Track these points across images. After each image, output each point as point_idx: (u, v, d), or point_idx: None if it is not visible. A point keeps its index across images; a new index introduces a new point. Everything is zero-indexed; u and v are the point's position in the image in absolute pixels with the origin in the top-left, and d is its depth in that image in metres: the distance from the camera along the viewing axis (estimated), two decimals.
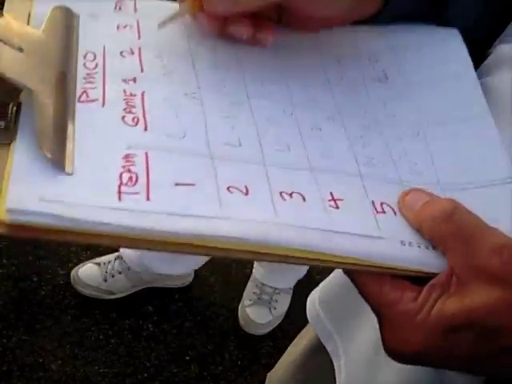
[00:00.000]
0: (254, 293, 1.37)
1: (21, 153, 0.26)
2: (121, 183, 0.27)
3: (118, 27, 0.36)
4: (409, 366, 0.43)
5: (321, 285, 0.58)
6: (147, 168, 0.28)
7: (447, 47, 0.39)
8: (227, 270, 1.45)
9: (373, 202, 0.32)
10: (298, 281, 1.39)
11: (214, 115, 0.33)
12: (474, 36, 0.41)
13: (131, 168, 0.28)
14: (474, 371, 0.33)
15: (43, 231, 0.25)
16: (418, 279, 0.31)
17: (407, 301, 0.30)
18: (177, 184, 0.28)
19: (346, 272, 0.33)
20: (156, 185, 0.28)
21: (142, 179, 0.28)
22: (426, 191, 0.33)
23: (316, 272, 1.38)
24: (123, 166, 0.28)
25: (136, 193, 0.27)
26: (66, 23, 0.33)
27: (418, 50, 0.40)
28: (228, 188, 0.29)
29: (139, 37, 0.36)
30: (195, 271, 1.40)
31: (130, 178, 0.27)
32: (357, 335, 0.50)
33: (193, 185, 0.29)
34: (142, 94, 0.32)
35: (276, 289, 1.37)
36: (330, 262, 0.30)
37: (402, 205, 0.32)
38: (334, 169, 0.33)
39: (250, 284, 1.40)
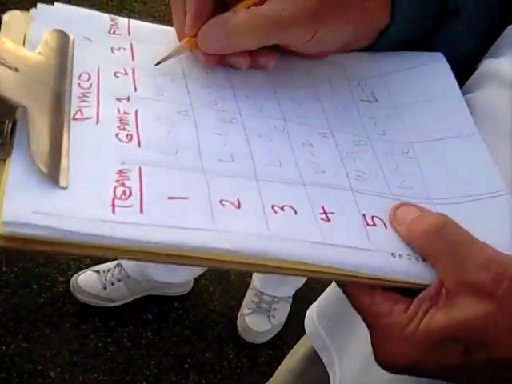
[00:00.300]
0: (253, 301, 1.37)
1: (16, 168, 0.27)
2: (114, 197, 0.27)
3: (112, 50, 0.36)
4: (401, 376, 0.44)
5: (319, 298, 0.59)
6: (141, 182, 0.29)
7: (433, 70, 0.41)
8: (226, 278, 1.46)
9: (364, 215, 0.33)
10: (297, 290, 1.40)
11: (206, 132, 0.33)
12: (463, 59, 0.42)
13: (125, 182, 0.28)
14: (462, 383, 0.33)
15: (38, 243, 0.25)
16: (409, 292, 0.31)
17: (397, 313, 0.31)
18: (170, 198, 0.29)
19: (339, 283, 0.33)
20: (149, 198, 0.28)
21: (136, 193, 0.28)
22: (417, 205, 0.33)
23: (315, 281, 1.39)
24: (117, 181, 0.28)
25: (129, 206, 0.27)
26: (61, 46, 0.33)
27: (405, 74, 0.41)
28: (220, 201, 0.30)
29: (133, 59, 0.36)
30: (194, 279, 1.41)
31: (124, 192, 0.28)
32: (351, 346, 0.51)
33: (186, 198, 0.29)
34: (136, 112, 0.32)
35: (275, 297, 1.37)
36: (320, 274, 0.30)
37: (393, 218, 0.33)
38: (325, 183, 0.33)
39: (249, 292, 1.40)
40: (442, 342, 0.30)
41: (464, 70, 0.41)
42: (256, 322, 1.34)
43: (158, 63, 0.36)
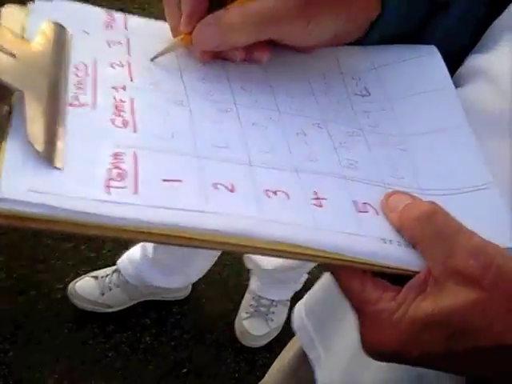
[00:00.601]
0: (250, 305, 1.37)
1: (12, 150, 0.27)
2: (109, 178, 0.28)
3: (108, 43, 0.37)
4: (387, 368, 0.44)
5: (307, 295, 0.59)
6: (135, 165, 0.29)
7: (425, 63, 0.41)
8: (224, 282, 1.46)
9: (356, 202, 0.33)
10: (295, 293, 1.40)
11: (201, 120, 0.34)
12: (458, 52, 0.42)
13: (120, 165, 0.29)
14: (448, 370, 0.33)
15: (32, 221, 0.26)
16: (398, 280, 0.32)
17: (386, 300, 0.31)
18: (164, 180, 0.29)
19: (329, 269, 0.33)
20: (144, 180, 0.29)
21: (130, 175, 0.29)
22: (409, 194, 0.34)
23: (313, 284, 1.39)
24: (112, 163, 0.29)
25: (124, 187, 0.28)
26: (58, 37, 0.34)
27: (398, 67, 0.41)
28: (214, 184, 0.30)
29: (129, 53, 0.37)
30: (193, 284, 1.41)
31: (119, 174, 0.28)
32: (338, 342, 0.51)
33: (180, 181, 0.30)
34: (132, 100, 0.33)
35: (273, 301, 1.37)
36: (313, 257, 0.31)
37: (385, 206, 0.33)
38: (318, 170, 0.34)
39: (246, 296, 1.40)
40: (428, 329, 0.30)
41: (460, 63, 0.41)
42: (254, 326, 1.34)
43: (154, 58, 0.36)
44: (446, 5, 0.40)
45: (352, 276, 0.32)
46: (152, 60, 0.36)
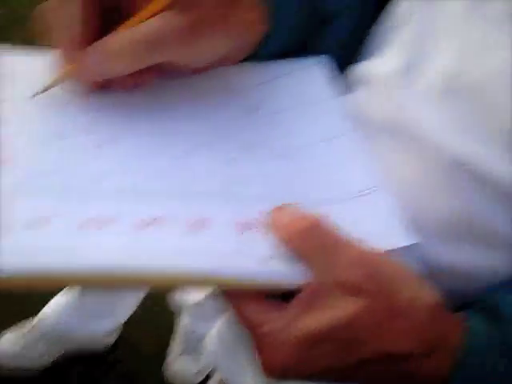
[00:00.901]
0: (182, 342, 1.32)
1: None
2: None
3: None
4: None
5: (217, 322, 0.60)
6: (2, 208, 0.29)
7: (311, 75, 0.42)
8: (153, 323, 1.39)
9: (239, 221, 0.33)
10: None
11: (80, 153, 0.34)
12: (346, 60, 0.43)
13: None
14: (343, 381, 0.33)
15: None
16: (287, 297, 0.32)
17: (273, 319, 0.31)
18: (33, 221, 0.29)
19: (219, 293, 0.33)
20: (8, 225, 0.29)
21: None
22: (293, 207, 0.34)
23: None
24: None
25: None
26: None
27: (285, 80, 0.42)
28: (88, 220, 0.31)
29: (9, 88, 0.36)
30: (122, 327, 1.33)
31: None
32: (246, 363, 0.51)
33: (51, 219, 0.30)
34: (5, 139, 0.33)
35: (205, 334, 1.32)
36: (194, 283, 0.31)
37: (269, 221, 0.33)
38: (201, 192, 0.34)
39: (178, 334, 1.34)
40: (317, 344, 0.30)
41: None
42: (187, 364, 1.29)
43: (38, 94, 0.35)
44: (332, 16, 0.41)
45: (238, 298, 0.32)
46: (35, 96, 0.35)
